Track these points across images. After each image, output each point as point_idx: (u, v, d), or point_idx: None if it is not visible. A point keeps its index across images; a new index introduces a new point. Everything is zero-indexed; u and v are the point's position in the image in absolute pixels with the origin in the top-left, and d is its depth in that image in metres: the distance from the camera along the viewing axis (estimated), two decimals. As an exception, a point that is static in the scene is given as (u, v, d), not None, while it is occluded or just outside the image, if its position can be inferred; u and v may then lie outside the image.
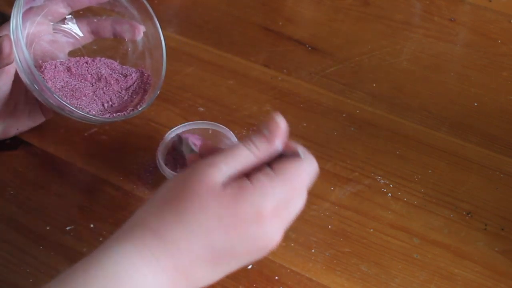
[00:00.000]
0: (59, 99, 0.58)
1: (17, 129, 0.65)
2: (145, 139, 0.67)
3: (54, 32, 0.66)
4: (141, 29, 0.66)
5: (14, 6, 0.57)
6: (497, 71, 0.77)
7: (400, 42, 0.81)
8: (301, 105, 0.72)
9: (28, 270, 0.56)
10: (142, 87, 0.67)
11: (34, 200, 0.62)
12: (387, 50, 0.80)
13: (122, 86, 0.66)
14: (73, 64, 0.66)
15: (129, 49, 0.68)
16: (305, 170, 0.48)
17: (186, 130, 0.64)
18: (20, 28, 0.56)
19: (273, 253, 0.58)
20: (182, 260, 0.44)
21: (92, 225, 0.60)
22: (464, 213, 0.62)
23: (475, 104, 0.73)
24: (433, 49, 0.80)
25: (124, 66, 0.68)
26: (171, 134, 0.63)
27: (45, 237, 0.59)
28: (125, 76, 0.67)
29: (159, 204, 0.46)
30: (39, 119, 0.66)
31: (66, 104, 0.59)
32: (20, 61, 0.57)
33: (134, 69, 0.68)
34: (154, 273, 0.44)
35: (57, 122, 0.68)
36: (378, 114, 0.71)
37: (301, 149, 0.49)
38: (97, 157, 0.66)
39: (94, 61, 0.67)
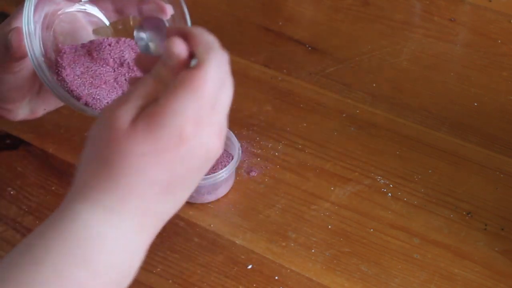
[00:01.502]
0: (72, 101, 0.56)
1: (44, 109, 0.62)
2: (145, 139, 0.67)
3: (76, 11, 0.63)
4: (169, 10, 0.61)
5: None
6: (497, 71, 0.77)
7: (400, 42, 0.81)
8: (301, 105, 0.72)
9: None
10: None
11: (34, 200, 0.62)
12: (387, 50, 0.80)
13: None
14: (95, 47, 0.62)
15: None
16: (208, 72, 0.44)
17: None
18: (32, 20, 0.53)
19: (273, 253, 0.58)
20: (134, 202, 0.44)
21: (92, 225, 0.60)
22: (464, 213, 0.62)
23: (475, 104, 0.73)
24: (433, 49, 0.80)
25: None
26: None
27: (45, 237, 0.59)
28: None
29: (90, 158, 0.45)
30: None
31: (78, 105, 0.56)
32: (31, 54, 0.54)
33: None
34: (116, 224, 0.44)
35: (57, 122, 0.68)
36: (378, 114, 0.71)
37: (202, 47, 0.46)
38: (97, 157, 0.66)
39: (118, 43, 0.63)
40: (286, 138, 0.68)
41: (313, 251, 0.58)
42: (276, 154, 0.66)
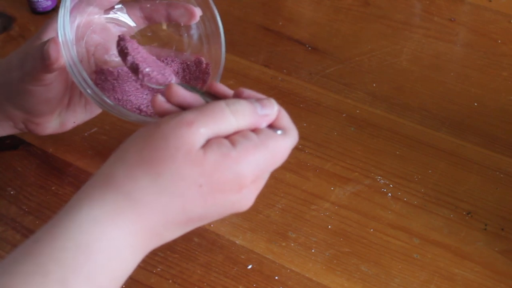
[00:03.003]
0: (116, 106, 0.54)
1: (74, 122, 0.62)
2: (145, 139, 0.67)
3: (105, 22, 0.62)
4: (197, 13, 0.61)
5: (61, 4, 0.53)
6: (497, 71, 0.77)
7: (400, 42, 0.81)
8: (301, 105, 0.72)
9: None
10: (201, 77, 0.61)
11: (34, 200, 0.62)
12: (387, 50, 0.80)
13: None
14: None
15: (185, 35, 0.63)
16: (289, 145, 0.47)
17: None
18: (69, 29, 0.52)
19: (273, 253, 0.58)
20: (156, 225, 0.44)
21: (92, 225, 0.60)
22: (464, 213, 0.62)
23: (475, 104, 0.73)
24: (433, 49, 0.80)
25: (185, 65, 0.62)
26: None
27: (45, 237, 0.59)
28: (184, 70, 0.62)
29: (132, 162, 0.44)
30: (95, 111, 0.63)
31: (125, 111, 0.55)
32: (69, 64, 0.53)
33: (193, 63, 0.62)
34: (127, 239, 0.43)
35: (57, 122, 0.68)
36: (378, 114, 0.71)
37: (286, 121, 0.48)
38: (97, 157, 0.66)
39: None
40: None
41: (313, 251, 0.58)
42: (276, 154, 0.66)
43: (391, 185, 0.64)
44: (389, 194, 0.63)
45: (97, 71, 0.60)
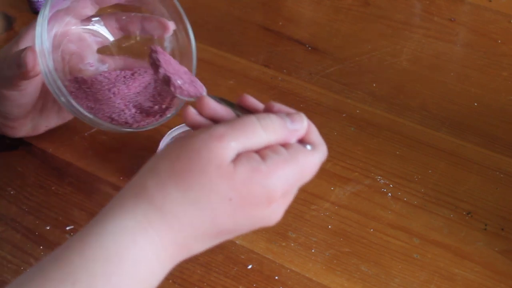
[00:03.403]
0: (88, 114, 0.56)
1: (46, 126, 0.64)
2: (145, 139, 0.67)
3: (82, 32, 0.64)
4: (171, 26, 0.63)
5: (39, 13, 0.54)
6: (497, 71, 0.77)
7: (400, 42, 0.81)
8: (301, 105, 0.72)
9: (28, 270, 0.56)
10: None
11: (34, 200, 0.62)
12: (387, 50, 0.80)
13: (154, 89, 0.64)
14: (110, 77, 0.64)
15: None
16: (318, 161, 0.48)
17: (181, 127, 0.63)
18: (46, 38, 0.54)
19: (273, 253, 0.58)
20: (185, 237, 0.44)
21: (92, 225, 0.60)
22: (464, 213, 0.62)
23: (475, 104, 0.73)
24: (433, 49, 0.80)
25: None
26: (171, 134, 0.63)
27: (45, 237, 0.59)
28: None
29: (163, 173, 0.44)
30: (67, 116, 0.65)
31: (96, 119, 0.56)
32: (45, 72, 0.54)
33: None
34: (156, 250, 0.43)
35: (57, 122, 0.68)
36: (378, 114, 0.71)
37: (315, 136, 0.48)
38: (97, 157, 0.66)
39: (133, 75, 0.65)
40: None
41: (313, 251, 0.58)
42: (276, 154, 0.66)
43: (391, 185, 0.64)
44: (389, 194, 0.63)
45: (71, 79, 0.62)
